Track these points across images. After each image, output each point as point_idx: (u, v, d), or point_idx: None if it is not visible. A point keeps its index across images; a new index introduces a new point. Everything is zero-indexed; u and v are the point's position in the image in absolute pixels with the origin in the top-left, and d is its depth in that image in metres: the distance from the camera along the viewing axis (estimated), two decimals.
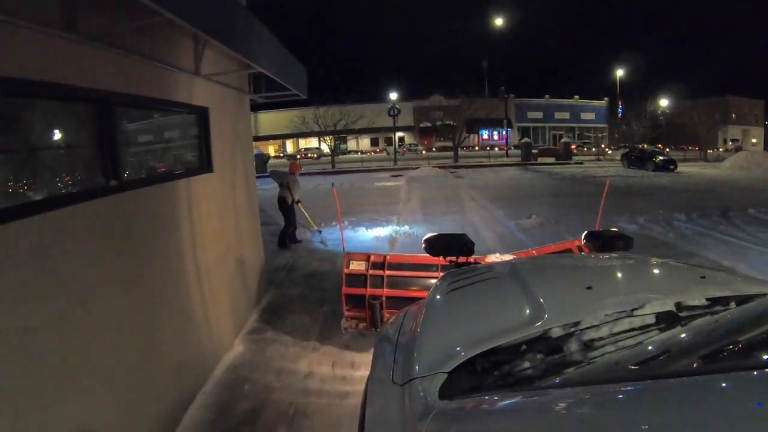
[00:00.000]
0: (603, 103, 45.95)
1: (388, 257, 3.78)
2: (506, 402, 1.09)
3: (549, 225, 8.24)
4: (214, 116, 3.46)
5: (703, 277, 1.59)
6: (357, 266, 3.74)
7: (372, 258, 3.78)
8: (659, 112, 36.53)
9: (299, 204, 7.40)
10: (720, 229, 8.15)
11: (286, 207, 7.09)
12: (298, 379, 3.23)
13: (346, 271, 3.77)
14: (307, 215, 7.85)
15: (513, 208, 10.22)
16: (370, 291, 3.63)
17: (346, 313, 3.81)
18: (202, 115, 3.29)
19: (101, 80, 2.12)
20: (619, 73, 40.25)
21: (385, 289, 3.60)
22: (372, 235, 7.89)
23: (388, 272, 3.65)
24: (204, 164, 3.35)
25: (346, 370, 3.33)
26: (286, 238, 7.10)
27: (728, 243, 7.12)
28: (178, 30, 2.68)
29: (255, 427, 2.70)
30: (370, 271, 3.68)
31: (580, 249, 3.90)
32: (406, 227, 8.32)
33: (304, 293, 4.97)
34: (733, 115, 47.46)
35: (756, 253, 6.48)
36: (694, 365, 1.01)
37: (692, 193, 13.08)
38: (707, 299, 1.40)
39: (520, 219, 8.70)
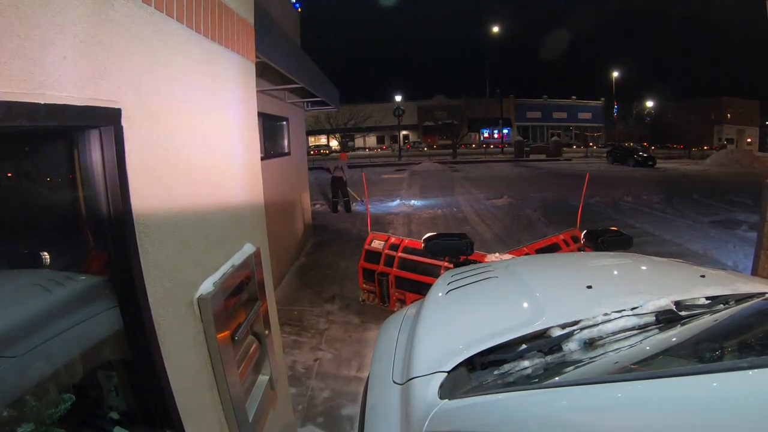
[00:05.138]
0: (599, 103, 47.88)
1: (405, 241, 3.95)
2: (506, 401, 1.08)
3: (515, 203, 10.72)
4: (291, 123, 5.96)
5: (702, 277, 1.59)
6: (377, 245, 4.00)
7: (391, 240, 4.00)
8: (645, 112, 38.46)
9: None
10: (654, 206, 10.33)
11: (342, 183, 9.88)
12: (340, 268, 5.74)
13: (366, 247, 4.04)
14: (351, 192, 10.79)
15: (493, 192, 12.71)
16: (381, 268, 3.85)
17: (362, 286, 4.09)
18: (287, 122, 5.80)
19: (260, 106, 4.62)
20: (615, 74, 42.39)
21: (394, 269, 3.77)
22: (382, 206, 10.56)
23: (400, 254, 3.83)
24: (287, 150, 5.86)
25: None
26: (348, 205, 9.96)
27: (650, 215, 9.40)
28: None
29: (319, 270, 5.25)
30: (386, 251, 3.90)
31: (566, 242, 4.12)
32: (407, 202, 10.96)
33: (336, 238, 7.47)
34: (729, 115, 48.73)
35: (667, 220, 8.76)
36: (694, 365, 1.02)
37: (656, 184, 15.17)
38: (707, 298, 1.40)
39: (494, 199, 11.21)
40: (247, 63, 1.91)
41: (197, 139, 1.26)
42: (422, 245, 3.05)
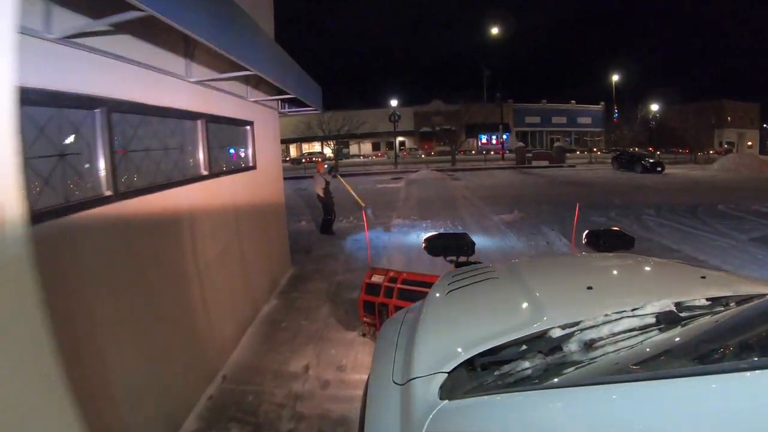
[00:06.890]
0: (599, 107, 47.07)
1: (404, 274, 4.14)
2: (506, 402, 1.09)
3: (528, 218, 9.45)
4: (256, 128, 4.67)
5: (703, 278, 1.61)
6: (376, 279, 4.12)
7: (390, 273, 4.16)
8: (650, 116, 37.65)
9: (341, 179, 8.93)
10: (682, 221, 9.14)
11: (320, 200, 8.42)
12: (320, 316, 4.43)
13: (366, 281, 4.15)
14: (353, 194, 9.21)
15: (500, 205, 11.44)
16: (380, 299, 3.95)
17: (363, 319, 4.16)
18: (250, 127, 4.50)
19: (197, 107, 3.32)
20: (615, 78, 41.62)
21: (393, 299, 3.87)
22: (376, 223, 9.19)
23: (399, 285, 3.96)
24: (251, 163, 4.56)
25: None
26: (329, 225, 8.41)
27: (683, 231, 8.19)
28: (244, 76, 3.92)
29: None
30: (386, 284, 4.02)
31: None
32: (403, 218, 9.66)
33: (319, 269, 6.17)
34: (729, 118, 48.13)
35: (705, 240, 7.52)
36: (694, 365, 1.01)
37: (671, 192, 14.18)
38: (707, 299, 1.40)
39: (504, 214, 9.92)
40: None
41: None
42: (423, 245, 3.04)
